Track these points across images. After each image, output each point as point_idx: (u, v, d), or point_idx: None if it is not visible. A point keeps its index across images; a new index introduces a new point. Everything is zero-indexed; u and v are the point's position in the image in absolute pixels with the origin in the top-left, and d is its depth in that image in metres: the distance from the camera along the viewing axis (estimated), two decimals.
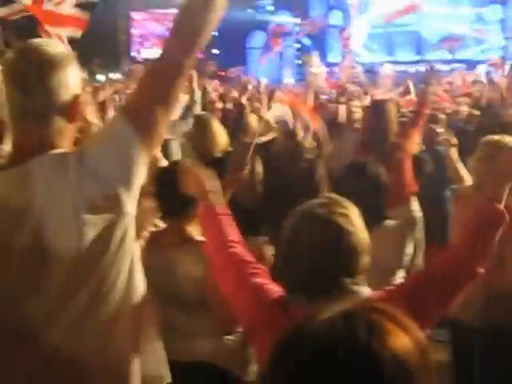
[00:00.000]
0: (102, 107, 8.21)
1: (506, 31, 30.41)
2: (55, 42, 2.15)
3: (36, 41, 2.12)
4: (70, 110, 2.05)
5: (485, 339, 3.34)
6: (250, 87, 11.55)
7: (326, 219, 2.07)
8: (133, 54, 29.65)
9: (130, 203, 2.02)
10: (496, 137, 3.90)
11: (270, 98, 10.44)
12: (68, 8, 7.42)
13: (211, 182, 2.55)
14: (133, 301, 2.13)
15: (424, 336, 1.12)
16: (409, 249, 3.59)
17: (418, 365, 1.04)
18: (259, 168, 6.56)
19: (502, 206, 2.41)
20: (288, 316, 2.04)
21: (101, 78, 15.43)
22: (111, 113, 6.42)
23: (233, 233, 2.42)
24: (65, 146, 2.04)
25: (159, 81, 2.08)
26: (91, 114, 2.42)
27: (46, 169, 1.94)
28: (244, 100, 6.30)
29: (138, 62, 27.60)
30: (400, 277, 3.51)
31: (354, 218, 2.12)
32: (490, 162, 3.61)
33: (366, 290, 2.10)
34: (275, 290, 2.23)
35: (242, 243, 2.40)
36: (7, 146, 3.67)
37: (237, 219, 2.81)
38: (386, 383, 1.01)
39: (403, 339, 1.06)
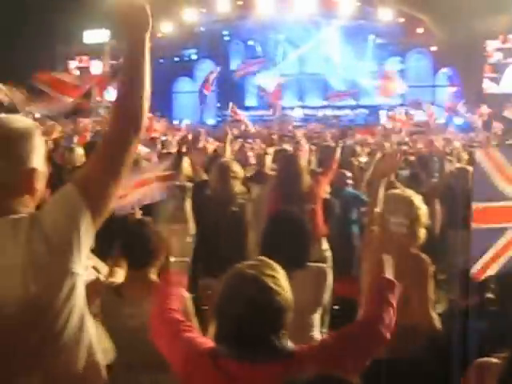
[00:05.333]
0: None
1: (406, 80, 31.79)
2: (20, 118, 2.17)
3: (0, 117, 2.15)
4: (27, 182, 2.07)
5: (390, 369, 3.36)
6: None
7: (256, 280, 2.12)
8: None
9: (78, 264, 2.03)
10: (398, 191, 4.13)
11: (196, 139, 10.40)
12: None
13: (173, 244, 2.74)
14: (83, 356, 2.12)
15: None
16: (328, 289, 3.68)
17: None
18: (188, 207, 6.78)
19: (389, 275, 2.57)
20: (217, 365, 2.12)
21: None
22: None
23: (175, 303, 2.51)
24: (24, 211, 2.05)
25: (110, 157, 2.09)
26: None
27: (0, 230, 1.97)
28: (183, 148, 6.44)
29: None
30: (319, 313, 3.65)
31: (281, 279, 2.17)
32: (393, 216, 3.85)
33: (290, 345, 2.16)
34: (205, 342, 2.28)
35: (179, 312, 2.47)
36: None
37: None
38: None
39: None
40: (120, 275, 3.44)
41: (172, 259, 2.74)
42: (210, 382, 2.13)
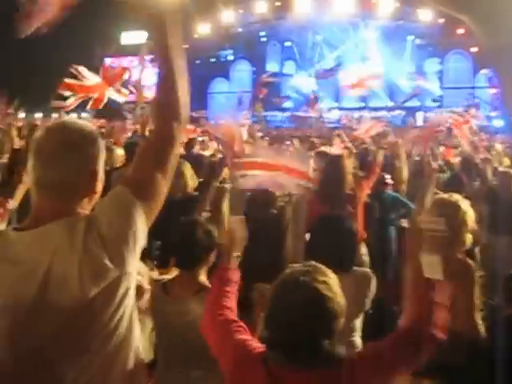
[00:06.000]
0: None
1: (443, 82, 31.49)
2: (86, 122, 2.21)
3: (62, 121, 2.18)
4: (86, 185, 2.10)
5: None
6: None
7: (309, 286, 2.10)
8: None
9: (132, 263, 2.04)
10: (445, 195, 3.93)
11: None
12: None
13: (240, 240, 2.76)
14: (130, 356, 2.12)
15: None
16: (371, 294, 3.63)
17: None
18: (225, 209, 6.78)
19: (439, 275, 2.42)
20: (268, 370, 2.11)
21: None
22: None
23: (230, 301, 2.48)
24: (81, 213, 2.07)
25: (157, 155, 2.13)
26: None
27: (58, 233, 1.97)
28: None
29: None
30: (360, 318, 3.63)
31: (333, 285, 2.14)
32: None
33: (341, 351, 2.13)
34: (256, 345, 2.24)
35: (234, 312, 2.44)
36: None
37: None
38: None
39: None
40: (174, 273, 3.48)
41: (235, 254, 2.75)
42: None
